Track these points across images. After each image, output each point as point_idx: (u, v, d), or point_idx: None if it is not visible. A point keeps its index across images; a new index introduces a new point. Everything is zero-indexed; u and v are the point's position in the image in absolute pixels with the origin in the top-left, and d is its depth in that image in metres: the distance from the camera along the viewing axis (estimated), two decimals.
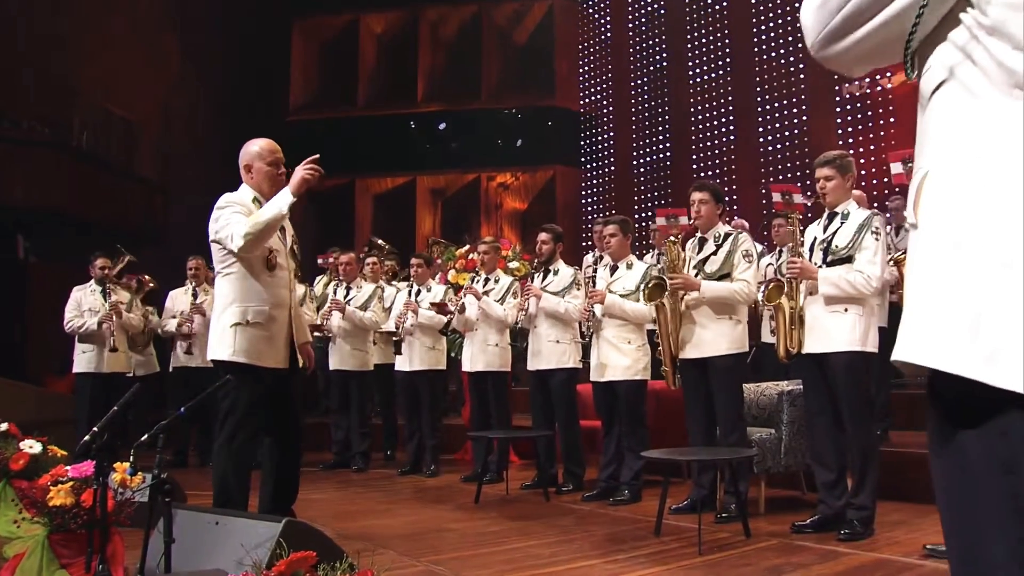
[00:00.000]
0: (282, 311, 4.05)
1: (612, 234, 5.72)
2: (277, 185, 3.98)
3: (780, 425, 5.00)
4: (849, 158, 4.47)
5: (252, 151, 4.09)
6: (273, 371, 3.98)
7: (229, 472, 3.88)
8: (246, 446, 3.95)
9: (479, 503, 5.55)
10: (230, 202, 3.97)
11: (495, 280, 6.76)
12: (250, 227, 3.78)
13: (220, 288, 4.03)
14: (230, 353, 3.89)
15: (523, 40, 14.71)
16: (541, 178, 14.69)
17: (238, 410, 3.88)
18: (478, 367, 6.61)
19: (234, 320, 3.90)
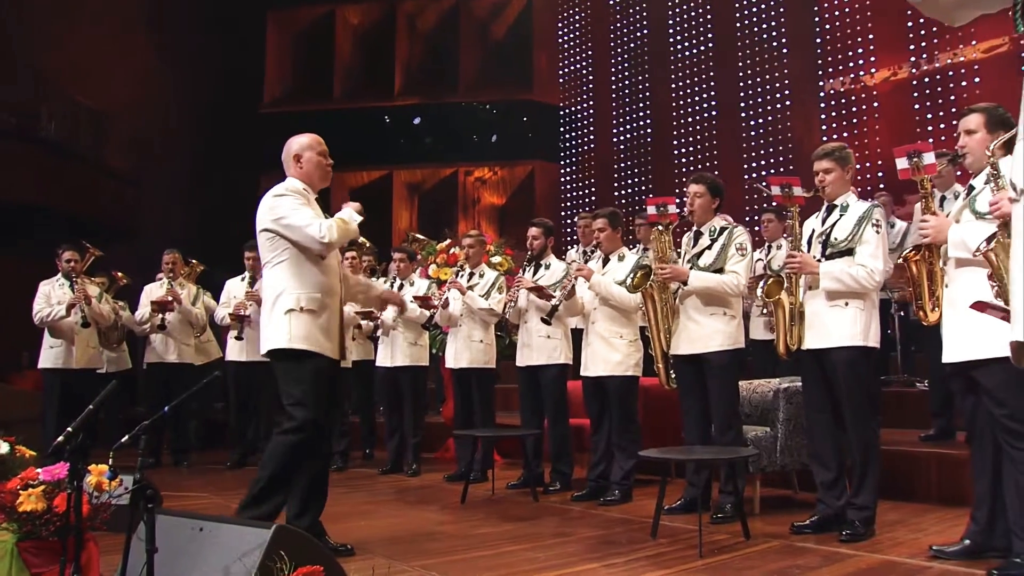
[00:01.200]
0: (334, 299, 3.95)
1: (601, 228, 5.59)
2: (326, 175, 4.03)
3: (776, 423, 4.89)
4: (848, 150, 4.37)
5: (302, 142, 4.03)
6: (329, 361, 3.87)
7: (283, 464, 3.71)
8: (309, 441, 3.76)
9: (465, 504, 5.40)
10: (289, 191, 3.88)
11: (480, 274, 6.61)
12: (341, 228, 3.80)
13: (271, 278, 3.88)
14: (287, 340, 3.75)
15: (501, 33, 14.56)
16: (519, 173, 14.55)
17: (308, 400, 3.73)
18: (462, 364, 6.45)
19: (288, 306, 3.78)
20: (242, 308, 7.12)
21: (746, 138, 10.81)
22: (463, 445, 6.59)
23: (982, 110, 3.60)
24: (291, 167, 3.97)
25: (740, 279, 4.71)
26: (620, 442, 5.43)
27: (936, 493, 5.02)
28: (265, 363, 7.16)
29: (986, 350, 3.38)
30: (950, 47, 9.22)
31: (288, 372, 3.77)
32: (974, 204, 3.51)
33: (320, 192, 4.05)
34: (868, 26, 9.83)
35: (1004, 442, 3.40)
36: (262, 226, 3.83)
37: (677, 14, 11.82)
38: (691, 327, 4.79)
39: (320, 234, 3.71)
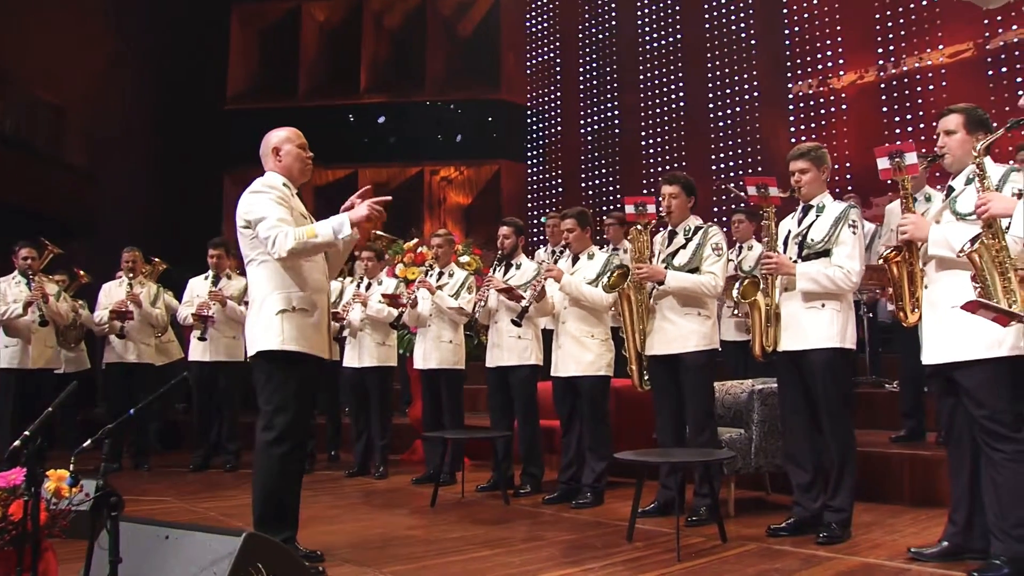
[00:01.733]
0: (322, 296, 3.80)
1: (570, 228, 5.52)
2: (307, 169, 3.85)
3: (751, 425, 4.85)
4: (824, 149, 4.34)
5: (281, 135, 3.85)
6: (318, 362, 3.74)
7: (280, 481, 3.56)
8: (299, 449, 3.66)
9: (435, 507, 5.30)
10: (266, 187, 3.69)
11: (449, 274, 6.51)
12: (298, 244, 3.53)
13: (256, 276, 3.70)
14: (279, 342, 3.59)
15: (469, 32, 14.45)
16: (486, 172, 14.45)
17: (291, 407, 3.57)
18: (431, 364, 6.36)
19: (279, 307, 3.62)
20: (205, 308, 6.96)
21: (714, 139, 10.83)
22: (432, 447, 6.49)
23: (961, 110, 3.59)
24: (270, 161, 3.80)
25: (718, 280, 4.66)
26: (592, 444, 5.37)
27: (909, 494, 5.02)
28: (229, 364, 7.15)
29: (967, 352, 3.37)
30: (916, 51, 9.30)
31: (275, 375, 3.59)
32: (955, 205, 3.49)
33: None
34: (837, 28, 9.89)
35: (983, 443, 3.39)
36: (242, 223, 3.67)
37: (646, 15, 11.81)
38: (666, 327, 4.74)
39: (272, 248, 3.52)
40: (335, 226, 3.56)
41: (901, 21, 9.27)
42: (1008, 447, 3.32)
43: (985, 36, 8.67)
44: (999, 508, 3.34)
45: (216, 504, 5.47)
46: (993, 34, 8.67)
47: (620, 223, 7.46)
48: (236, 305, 7.03)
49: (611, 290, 4.84)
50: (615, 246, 7.37)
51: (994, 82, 8.54)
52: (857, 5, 9.73)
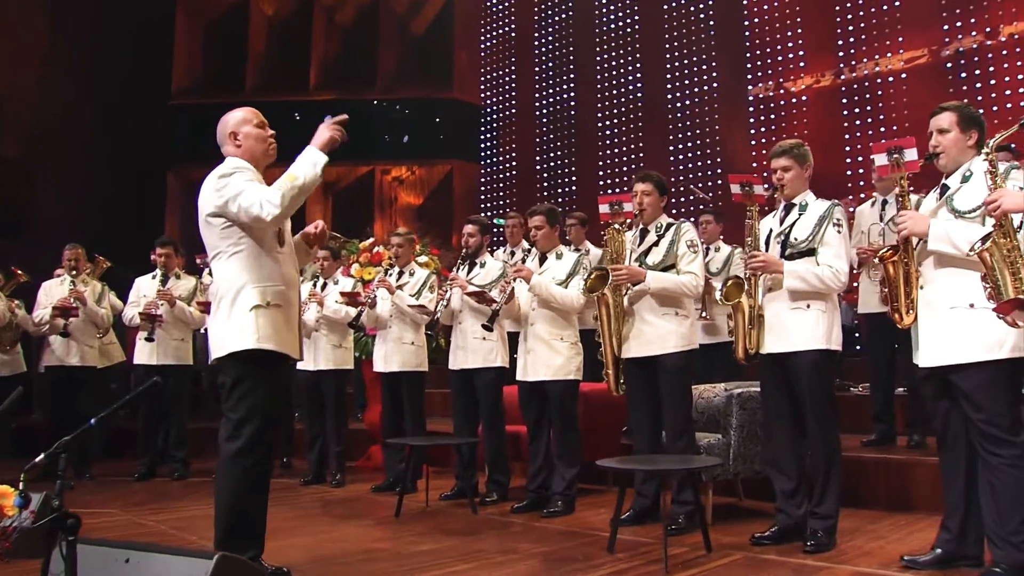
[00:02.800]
0: (294, 292, 3.55)
1: (538, 226, 5.33)
2: (270, 150, 3.55)
3: (729, 429, 4.72)
4: (805, 147, 4.22)
5: (237, 116, 3.55)
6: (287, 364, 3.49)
7: (246, 494, 3.29)
8: (266, 460, 3.40)
9: (400, 517, 5.06)
10: (236, 168, 3.40)
11: (410, 273, 6.29)
12: (286, 190, 3.24)
13: (226, 270, 3.40)
14: (255, 340, 3.30)
15: (422, 29, 14.21)
16: (438, 172, 14.23)
17: (258, 413, 3.30)
18: (393, 367, 6.12)
19: (254, 302, 3.34)
20: (153, 308, 6.61)
21: (673, 140, 10.76)
22: (392, 454, 6.26)
23: (954, 108, 3.50)
24: (228, 146, 3.52)
25: (699, 279, 4.53)
26: (561, 450, 5.19)
27: (884, 499, 4.94)
28: (177, 367, 6.81)
29: (965, 354, 3.27)
30: (873, 56, 9.34)
31: (245, 379, 3.31)
32: (952, 203, 3.39)
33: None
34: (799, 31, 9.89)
35: (981, 447, 3.29)
36: (209, 211, 3.37)
37: (603, 14, 11.71)
38: (644, 329, 4.58)
39: (263, 211, 3.22)
40: (311, 161, 3.30)
41: (862, 25, 9.30)
42: (1007, 451, 3.23)
43: (945, 42, 8.73)
44: (997, 514, 3.25)
45: (166, 517, 5.16)
46: (952, 39, 8.74)
47: (582, 223, 7.31)
48: (185, 306, 6.70)
49: (590, 293, 4.65)
50: (577, 247, 7.20)
51: (954, 87, 8.61)
52: (815, 10, 9.75)
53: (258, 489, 3.32)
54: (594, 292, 4.62)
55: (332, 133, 3.38)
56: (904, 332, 5.38)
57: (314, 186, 3.33)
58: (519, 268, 5.25)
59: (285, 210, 3.25)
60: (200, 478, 6.74)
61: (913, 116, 8.87)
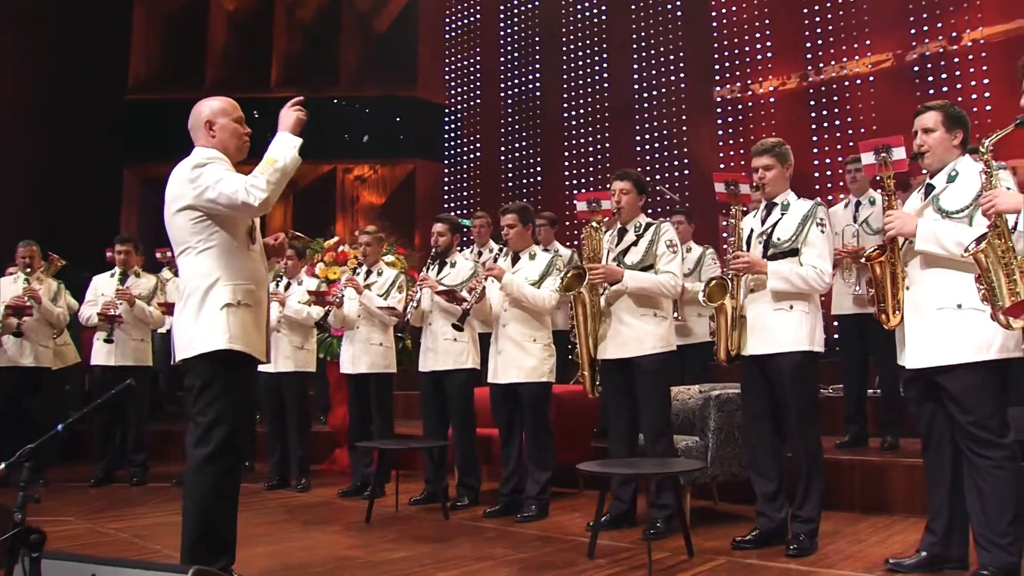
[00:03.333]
0: (264, 291, 3.39)
1: (511, 224, 5.23)
2: (244, 147, 3.39)
3: (706, 432, 4.66)
4: (787, 146, 4.18)
5: (215, 106, 3.38)
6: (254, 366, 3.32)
7: (216, 502, 3.13)
8: (237, 466, 3.24)
9: (370, 523, 4.93)
10: (210, 158, 3.24)
11: (378, 272, 6.16)
12: (268, 174, 3.10)
13: (195, 267, 3.23)
14: (226, 340, 3.14)
15: (385, 27, 14.01)
16: (400, 171, 14.03)
17: (229, 417, 3.14)
18: (361, 368, 5.99)
19: (225, 300, 3.18)
20: (112, 307, 6.38)
21: (640, 141, 10.71)
22: (359, 457, 6.13)
23: (938, 108, 3.47)
24: (201, 135, 3.34)
25: (677, 279, 4.45)
26: (534, 454, 5.10)
27: (860, 501, 4.92)
28: (136, 368, 6.58)
29: (953, 355, 3.24)
30: (839, 60, 9.38)
31: (215, 381, 3.14)
32: (938, 203, 3.36)
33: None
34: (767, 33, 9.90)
35: (968, 450, 3.26)
36: (181, 204, 3.20)
37: (571, 13, 11.64)
38: (621, 330, 4.50)
39: (250, 197, 3.06)
40: (286, 144, 3.18)
41: (830, 28, 9.33)
42: (994, 453, 3.20)
43: (911, 46, 8.79)
44: (985, 517, 3.22)
45: (127, 524, 4.97)
46: (917, 44, 8.81)
47: (551, 223, 7.22)
48: (145, 305, 6.49)
49: (566, 292, 4.56)
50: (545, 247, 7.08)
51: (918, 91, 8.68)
52: (783, 12, 9.77)
53: (228, 496, 3.18)
54: (570, 291, 4.53)
55: (297, 114, 3.27)
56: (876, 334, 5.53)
57: (295, 168, 3.20)
58: (491, 267, 5.14)
59: (272, 195, 3.10)
60: (159, 483, 6.54)
61: (880, 119, 8.93)
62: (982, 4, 8.41)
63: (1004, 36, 8.27)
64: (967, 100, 8.47)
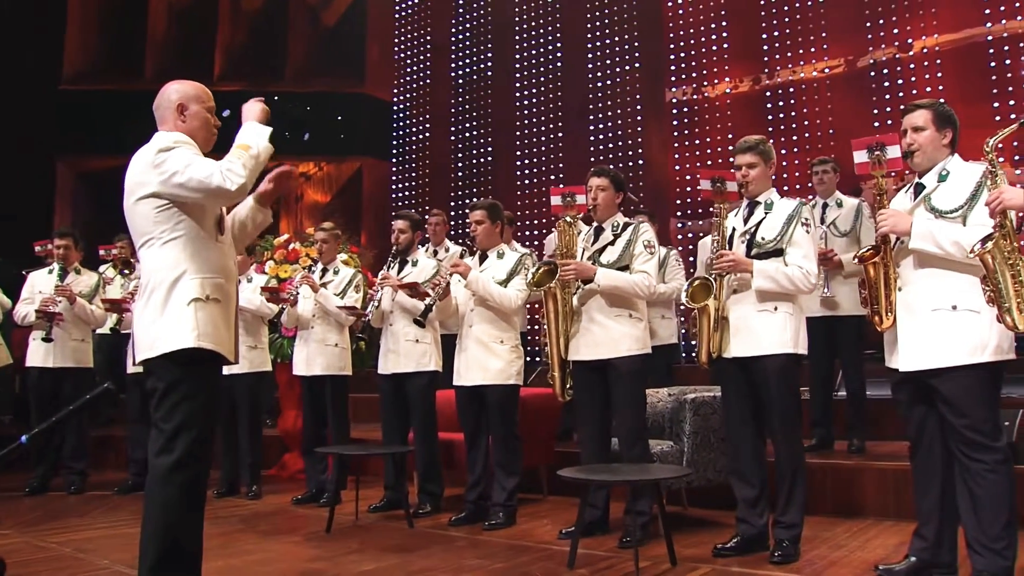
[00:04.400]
0: (233, 286, 3.15)
1: (479, 221, 5.06)
2: (211, 141, 3.17)
3: (682, 436, 4.55)
4: (769, 143, 4.09)
5: (188, 91, 3.15)
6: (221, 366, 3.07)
7: (182, 514, 2.87)
8: (204, 475, 2.99)
9: (331, 533, 4.70)
10: (178, 141, 3.00)
11: (334, 271, 5.94)
12: (244, 159, 2.91)
13: (159, 259, 2.98)
14: (194, 338, 2.90)
15: (333, 21, 13.69)
16: (346, 170, 13.73)
17: (197, 422, 2.90)
18: (316, 370, 5.76)
19: (193, 295, 2.94)
20: (51, 304, 6.02)
21: (594, 142, 10.62)
22: (314, 463, 5.89)
23: (928, 106, 3.40)
24: (169, 119, 3.11)
25: (652, 279, 4.33)
26: (501, 459, 4.93)
27: (831, 505, 4.86)
28: (75, 370, 6.23)
29: (948, 358, 3.16)
30: (791, 64, 9.43)
31: (181, 383, 2.90)
32: (930, 202, 3.29)
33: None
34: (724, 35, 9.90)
35: (961, 454, 3.19)
36: (144, 192, 2.95)
37: (524, 11, 11.50)
38: (594, 330, 4.36)
39: (226, 182, 2.84)
40: (255, 132, 3.03)
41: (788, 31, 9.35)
42: (988, 457, 3.13)
43: (869, 50, 8.86)
44: (978, 521, 3.16)
45: (68, 537, 4.65)
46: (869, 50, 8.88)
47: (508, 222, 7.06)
48: (87, 303, 6.15)
49: (536, 287, 4.39)
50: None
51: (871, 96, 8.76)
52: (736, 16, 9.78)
53: (195, 508, 2.93)
54: (541, 287, 4.38)
55: (261, 105, 3.13)
56: (843, 337, 5.51)
57: (268, 157, 3.02)
58: (456, 263, 4.97)
59: (248, 181, 2.90)
60: (98, 491, 6.21)
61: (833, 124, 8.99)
62: (933, 13, 8.52)
63: (954, 45, 8.38)
64: None
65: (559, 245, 4.46)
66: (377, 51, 13.51)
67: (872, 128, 8.73)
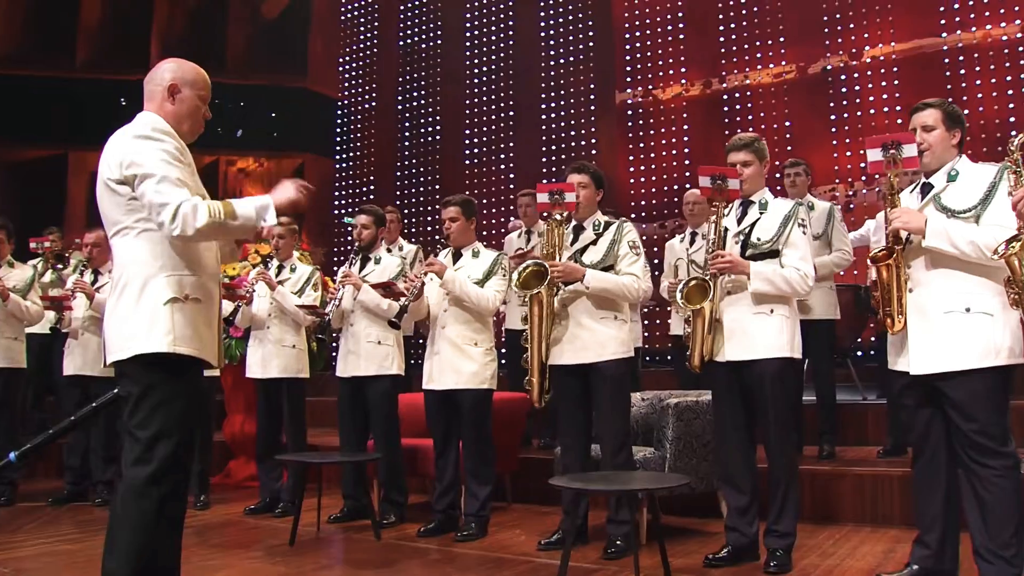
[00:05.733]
0: (215, 284, 2.87)
1: (453, 217, 4.84)
2: (199, 129, 2.92)
3: (664, 442, 4.40)
4: (763, 141, 3.98)
5: (186, 73, 2.88)
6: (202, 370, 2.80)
7: (159, 531, 2.60)
8: (184, 488, 2.73)
9: (295, 546, 4.42)
10: (158, 132, 2.72)
11: (291, 268, 5.66)
12: (212, 223, 2.62)
13: (133, 251, 2.71)
14: (170, 342, 2.63)
15: (275, 13, 13.28)
16: (288, 166, 13.29)
17: (176, 430, 2.62)
18: (272, 373, 5.46)
19: (170, 294, 2.67)
20: None
21: (546, 142, 10.47)
22: (268, 471, 5.59)
23: (938, 105, 3.32)
24: (158, 99, 2.82)
25: (640, 282, 4.17)
26: (473, 467, 4.71)
27: (808, 511, 4.75)
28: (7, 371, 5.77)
29: (958, 362, 3.08)
30: (745, 69, 9.43)
31: (156, 389, 2.62)
32: (941, 201, 3.20)
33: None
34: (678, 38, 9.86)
35: (969, 459, 3.11)
36: (116, 176, 2.67)
37: (475, 7, 11.28)
38: (580, 334, 4.18)
39: (174, 224, 2.58)
40: (259, 208, 2.73)
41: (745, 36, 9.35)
42: (997, 462, 3.06)
43: (826, 56, 8.90)
44: (987, 528, 3.08)
45: (3, 556, 4.26)
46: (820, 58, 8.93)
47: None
48: (20, 300, 5.72)
49: (523, 290, 4.19)
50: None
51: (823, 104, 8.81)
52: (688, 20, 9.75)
53: (174, 525, 2.66)
54: (528, 290, 4.18)
55: (298, 195, 2.83)
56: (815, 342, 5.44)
57: (244, 235, 2.87)
58: (432, 261, 4.74)
59: (202, 237, 2.67)
60: (29, 503, 5.78)
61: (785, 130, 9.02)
62: (891, 22, 8.60)
63: (909, 54, 8.47)
64: (866, 115, 8.65)
65: (544, 244, 4.26)
66: (321, 46, 13.16)
67: (830, 132, 8.79)
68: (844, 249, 5.40)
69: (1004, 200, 3.04)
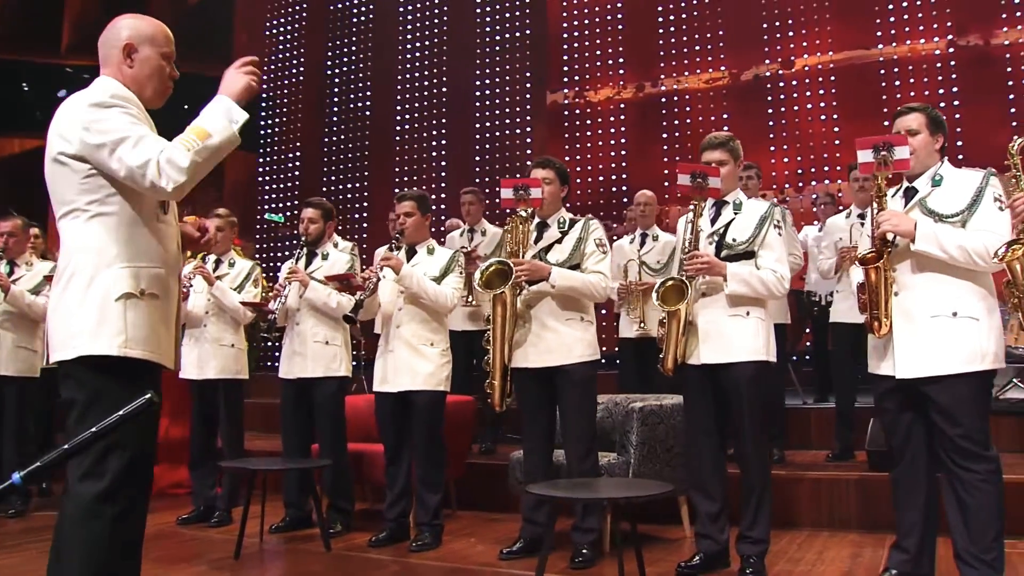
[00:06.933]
0: (175, 279, 2.55)
1: (408, 212, 4.65)
2: (165, 92, 2.59)
3: (628, 447, 4.30)
4: (738, 141, 3.92)
5: (142, 29, 2.53)
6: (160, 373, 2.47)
7: (113, 554, 2.29)
8: (140, 506, 2.42)
9: (240, 559, 4.16)
10: (116, 98, 2.38)
11: (229, 263, 5.38)
12: (196, 150, 2.31)
13: (83, 237, 2.37)
14: (121, 343, 2.31)
15: (197, 0, 12.79)
16: None
17: (129, 441, 2.27)
18: (209, 374, 5.18)
19: (123, 288, 2.34)
20: None
21: (479, 140, 10.31)
22: (201, 478, 5.29)
23: (921, 110, 3.31)
24: (113, 61, 2.50)
25: (608, 280, 4.07)
26: (425, 473, 4.53)
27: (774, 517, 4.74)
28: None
29: (944, 366, 3.06)
30: (674, 74, 9.47)
31: (106, 395, 2.28)
32: (927, 205, 3.19)
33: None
34: (607, 40, 9.85)
35: (952, 463, 3.09)
36: (69, 150, 2.34)
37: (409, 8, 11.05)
38: (545, 336, 4.04)
39: (161, 178, 2.27)
40: (224, 112, 2.42)
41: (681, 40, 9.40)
42: (980, 466, 3.05)
43: (764, 62, 8.99)
44: (969, 532, 3.07)
45: None
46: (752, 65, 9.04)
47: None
48: None
49: (487, 290, 4.03)
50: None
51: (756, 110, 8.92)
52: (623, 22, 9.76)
53: (130, 547, 2.38)
54: (492, 290, 4.02)
55: (248, 78, 2.50)
56: None
57: (231, 149, 2.43)
58: (387, 256, 4.53)
59: (192, 178, 2.32)
60: None
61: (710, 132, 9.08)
62: (821, 33, 8.76)
63: (843, 64, 8.63)
64: (803, 123, 8.79)
65: (509, 242, 4.10)
66: (246, 37, 12.73)
67: (764, 139, 8.89)
68: (795, 253, 5.41)
69: (991, 206, 3.06)
